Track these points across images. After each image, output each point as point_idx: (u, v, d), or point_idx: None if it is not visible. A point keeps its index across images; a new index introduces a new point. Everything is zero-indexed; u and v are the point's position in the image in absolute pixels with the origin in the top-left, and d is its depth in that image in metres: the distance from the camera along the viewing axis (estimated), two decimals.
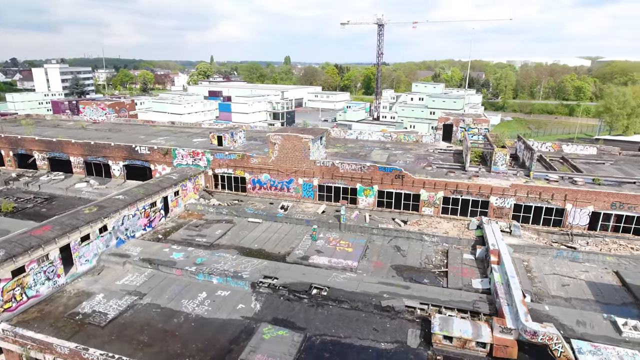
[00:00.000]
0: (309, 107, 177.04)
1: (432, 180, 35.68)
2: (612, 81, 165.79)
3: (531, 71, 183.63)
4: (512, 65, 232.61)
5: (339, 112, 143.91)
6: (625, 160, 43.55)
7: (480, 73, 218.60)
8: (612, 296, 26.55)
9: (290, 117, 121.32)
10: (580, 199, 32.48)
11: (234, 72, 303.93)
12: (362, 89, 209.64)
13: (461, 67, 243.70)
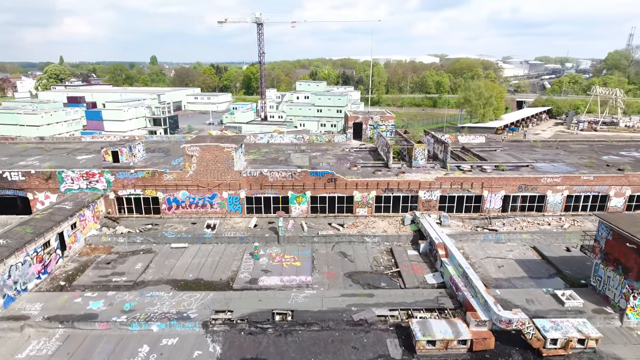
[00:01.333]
0: (189, 110, 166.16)
1: (364, 180, 35.65)
2: (462, 76, 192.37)
3: (397, 68, 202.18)
4: (378, 63, 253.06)
5: (224, 114, 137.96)
6: (509, 146, 49.88)
7: (351, 70, 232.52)
8: (539, 270, 29.76)
9: (174, 122, 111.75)
10: (494, 185, 35.83)
11: (92, 74, 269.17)
12: (243, 89, 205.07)
13: (333, 65, 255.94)
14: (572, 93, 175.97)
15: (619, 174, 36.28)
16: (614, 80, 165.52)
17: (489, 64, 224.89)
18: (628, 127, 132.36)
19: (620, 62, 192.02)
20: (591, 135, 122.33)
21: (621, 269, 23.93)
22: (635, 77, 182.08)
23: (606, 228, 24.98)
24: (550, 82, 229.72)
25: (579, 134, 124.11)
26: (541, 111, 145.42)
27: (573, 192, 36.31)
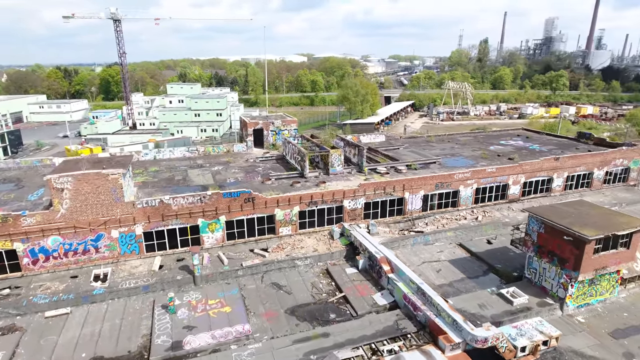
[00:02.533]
0: (34, 121, 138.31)
1: (286, 196, 31.71)
2: (334, 74, 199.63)
3: (272, 68, 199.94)
4: (248, 63, 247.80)
5: (83, 124, 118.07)
6: (409, 143, 51.04)
7: (222, 71, 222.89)
8: (473, 268, 29.85)
9: (16, 138, 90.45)
10: (415, 185, 35.34)
11: None
12: (101, 94, 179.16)
13: (201, 66, 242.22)
14: (428, 87, 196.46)
15: (514, 164, 39.14)
16: (459, 76, 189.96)
17: (355, 62, 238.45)
18: (476, 116, 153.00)
19: (462, 60, 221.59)
20: (450, 125, 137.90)
21: (557, 260, 24.78)
22: (474, 72, 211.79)
23: (537, 222, 25.69)
24: (406, 78, 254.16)
25: (441, 124, 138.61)
26: (407, 105, 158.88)
27: (480, 185, 37.98)
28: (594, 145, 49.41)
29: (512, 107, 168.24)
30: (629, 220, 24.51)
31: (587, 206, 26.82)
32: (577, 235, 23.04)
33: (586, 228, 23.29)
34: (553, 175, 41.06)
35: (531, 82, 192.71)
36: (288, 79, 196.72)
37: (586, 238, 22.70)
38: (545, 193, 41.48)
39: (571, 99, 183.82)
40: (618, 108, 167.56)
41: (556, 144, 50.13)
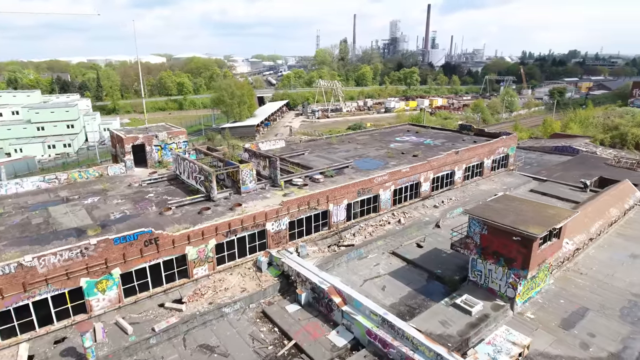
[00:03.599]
0: None
1: (199, 229, 25.57)
2: (201, 75, 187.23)
3: (129, 70, 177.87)
4: (97, 65, 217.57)
5: None
6: (310, 147, 48.10)
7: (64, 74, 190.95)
8: (415, 278, 28.23)
9: None
10: (338, 195, 32.42)
11: None
12: None
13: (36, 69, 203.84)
14: (299, 86, 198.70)
15: (424, 162, 39.26)
16: (326, 74, 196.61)
17: (221, 62, 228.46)
18: (348, 112, 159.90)
19: (326, 59, 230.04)
20: (326, 122, 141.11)
21: (503, 261, 24.36)
22: (338, 70, 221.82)
23: (479, 224, 24.99)
24: (274, 77, 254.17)
25: (318, 122, 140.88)
26: (282, 105, 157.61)
27: (397, 186, 37.04)
28: (475, 135, 53.58)
29: (377, 102, 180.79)
30: (557, 211, 25.37)
31: (516, 201, 27.24)
32: (525, 234, 22.75)
33: (530, 225, 23.18)
34: (455, 169, 42.62)
35: (389, 79, 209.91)
36: (150, 82, 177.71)
37: (535, 236, 22.53)
38: (450, 186, 42.86)
39: (423, 92, 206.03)
40: (460, 99, 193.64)
41: (445, 137, 52.91)
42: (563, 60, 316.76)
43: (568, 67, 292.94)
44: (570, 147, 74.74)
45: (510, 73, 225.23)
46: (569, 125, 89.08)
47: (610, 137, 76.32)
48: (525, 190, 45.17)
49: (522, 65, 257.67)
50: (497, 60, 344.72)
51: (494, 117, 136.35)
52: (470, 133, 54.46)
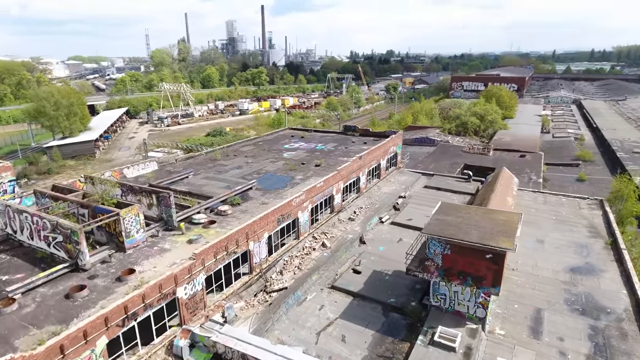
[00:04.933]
0: None
1: (78, 330, 16.26)
2: (4, 82, 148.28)
3: None
4: None
5: None
6: (192, 166, 39.46)
7: None
8: (371, 315, 24.08)
9: None
10: (258, 230, 26.00)
11: None
12: None
13: None
14: (137, 91, 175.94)
15: (334, 172, 35.38)
16: (168, 77, 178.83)
17: (31, 65, 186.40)
18: (201, 117, 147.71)
19: (165, 60, 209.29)
20: (179, 129, 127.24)
21: (471, 280, 22.01)
22: (180, 72, 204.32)
23: (440, 244, 22.13)
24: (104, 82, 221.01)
25: (169, 130, 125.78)
26: (122, 113, 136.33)
27: (314, 204, 32.35)
28: (361, 136, 52.51)
29: (228, 104, 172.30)
30: (507, 216, 24.22)
31: (461, 210, 25.38)
32: (497, 250, 20.64)
33: (498, 239, 21.23)
34: (360, 174, 40.07)
35: (237, 79, 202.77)
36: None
37: (505, 251, 20.59)
38: (357, 193, 40.18)
39: (273, 92, 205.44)
40: (309, 97, 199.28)
41: (334, 140, 50.34)
42: (387, 58, 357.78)
43: (392, 64, 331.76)
44: (427, 137, 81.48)
45: (347, 71, 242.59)
46: (418, 118, 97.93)
47: (455, 126, 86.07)
48: (421, 187, 45.67)
49: (356, 64, 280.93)
50: (332, 59, 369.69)
51: (346, 113, 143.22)
52: (356, 134, 53.21)
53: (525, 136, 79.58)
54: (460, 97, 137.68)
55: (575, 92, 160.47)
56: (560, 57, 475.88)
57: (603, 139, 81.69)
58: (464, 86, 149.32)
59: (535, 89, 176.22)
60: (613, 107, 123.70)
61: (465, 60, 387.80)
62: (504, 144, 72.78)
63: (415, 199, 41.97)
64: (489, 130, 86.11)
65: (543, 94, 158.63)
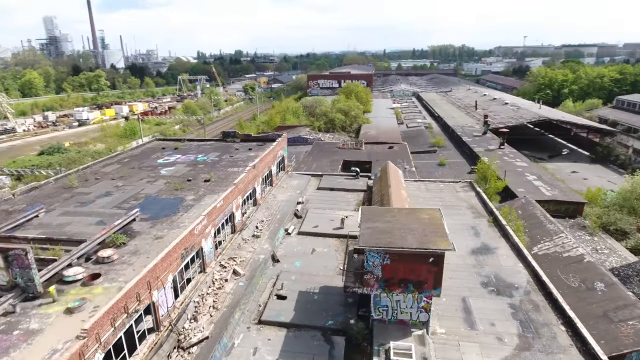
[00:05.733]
0: None
1: None
2: None
3: None
4: None
5: None
6: (39, 199, 30.30)
7: None
8: (312, 345, 21.53)
9: None
10: (162, 274, 20.75)
11: None
12: None
13: None
14: None
15: (231, 186, 31.20)
16: None
17: None
18: (27, 131, 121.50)
19: None
20: None
21: (412, 286, 21.17)
22: None
23: (379, 255, 20.71)
24: None
25: None
26: None
27: (215, 227, 27.92)
28: (242, 142, 48.74)
29: (62, 114, 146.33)
30: (430, 214, 24.06)
31: (386, 214, 24.39)
32: (438, 252, 20.11)
33: (435, 240, 20.75)
34: (255, 185, 36.65)
35: (70, 85, 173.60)
36: None
37: (444, 251, 20.22)
38: (255, 206, 36.67)
39: (117, 98, 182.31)
40: (161, 102, 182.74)
41: (215, 149, 45.43)
42: (237, 59, 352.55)
43: (243, 65, 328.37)
44: (300, 137, 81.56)
45: (198, 72, 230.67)
46: (286, 117, 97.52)
47: (324, 124, 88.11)
48: (314, 190, 44.49)
49: (206, 65, 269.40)
50: (179, 60, 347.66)
51: (207, 116, 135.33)
52: (237, 140, 49.16)
53: (387, 128, 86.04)
54: (318, 95, 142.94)
55: (412, 86, 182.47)
56: (389, 55, 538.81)
57: (447, 126, 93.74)
58: (319, 84, 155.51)
59: (379, 84, 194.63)
60: (444, 97, 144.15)
61: (311, 59, 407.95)
62: (371, 138, 77.14)
63: (313, 203, 40.52)
64: (354, 125, 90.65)
65: (387, 88, 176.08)
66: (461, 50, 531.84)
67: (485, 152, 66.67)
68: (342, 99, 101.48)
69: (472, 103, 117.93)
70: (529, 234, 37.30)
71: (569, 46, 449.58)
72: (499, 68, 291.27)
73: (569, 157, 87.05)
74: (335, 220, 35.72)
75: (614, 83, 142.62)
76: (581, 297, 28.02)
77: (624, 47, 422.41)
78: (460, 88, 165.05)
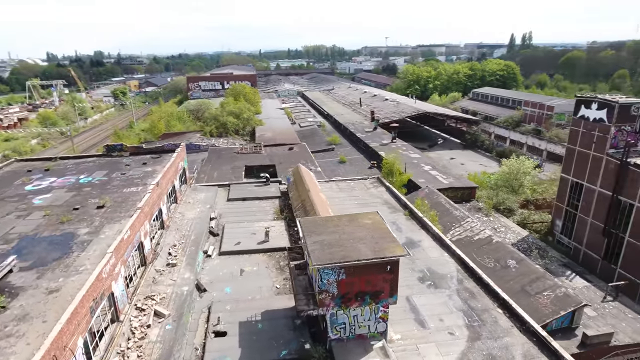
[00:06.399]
0: None
1: None
2: None
3: None
4: None
5: None
6: None
7: None
8: None
9: None
10: (69, 340, 16.02)
11: None
12: None
13: None
14: None
15: (137, 211, 26.28)
16: None
17: None
18: None
19: None
20: None
21: (369, 297, 20.07)
22: None
23: (334, 271, 19.12)
24: None
25: None
26: None
27: (125, 264, 23.17)
28: (132, 155, 42.47)
29: None
30: (371, 218, 23.17)
31: (328, 223, 22.75)
32: (394, 259, 19.28)
33: (386, 247, 19.89)
34: (161, 205, 31.89)
35: None
36: None
37: (399, 257, 19.51)
38: (162, 229, 31.93)
39: None
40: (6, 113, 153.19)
41: (99, 167, 38.43)
42: (99, 60, 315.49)
43: (107, 67, 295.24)
44: (192, 144, 75.53)
45: (52, 76, 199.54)
46: (171, 123, 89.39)
47: (215, 128, 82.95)
48: (224, 202, 40.99)
49: (62, 67, 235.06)
50: (24, 63, 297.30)
51: (72, 127, 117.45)
52: (125, 153, 42.60)
53: (282, 129, 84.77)
54: (201, 97, 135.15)
55: (295, 85, 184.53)
56: (266, 55, 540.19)
57: (338, 123, 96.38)
58: (201, 86, 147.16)
59: (262, 85, 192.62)
60: (328, 95, 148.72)
61: (185, 60, 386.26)
62: (269, 140, 75.05)
63: (228, 216, 37.15)
64: (247, 128, 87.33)
65: (271, 88, 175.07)
66: (333, 50, 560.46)
67: (381, 147, 69.91)
68: (230, 101, 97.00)
69: (356, 100, 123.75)
70: (440, 222, 39.59)
71: (423, 46, 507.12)
72: (369, 66, 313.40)
73: (444, 145, 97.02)
74: (257, 233, 33.11)
75: (467, 78, 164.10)
76: (499, 276, 30.39)
77: (464, 47, 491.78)
78: (341, 86, 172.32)
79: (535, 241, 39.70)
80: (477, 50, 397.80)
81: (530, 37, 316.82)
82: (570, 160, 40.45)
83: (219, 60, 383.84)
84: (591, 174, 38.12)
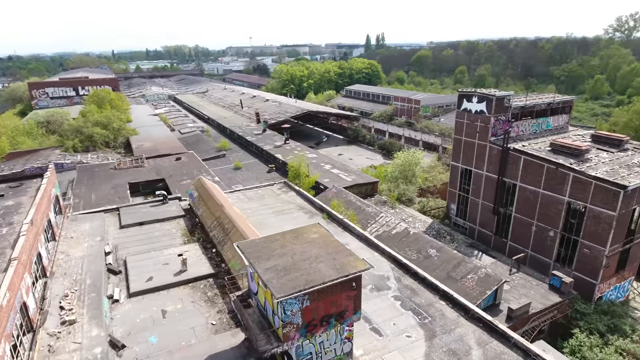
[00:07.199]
0: None
1: None
2: None
3: None
4: None
5: None
6: None
7: None
8: None
9: None
10: None
11: None
12: None
13: None
14: None
15: (14, 262, 19.94)
16: None
17: None
18: None
19: None
20: None
21: (334, 319, 18.46)
22: None
23: (299, 299, 17.03)
24: None
25: None
26: None
27: (9, 339, 17.33)
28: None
29: None
30: (317, 232, 21.43)
31: (274, 244, 20.28)
32: (359, 274, 17.95)
33: (346, 262, 18.49)
34: (39, 247, 25.13)
35: None
36: None
37: (363, 270, 18.30)
38: (45, 278, 25.21)
39: None
40: None
41: None
42: None
43: None
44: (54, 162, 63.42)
45: None
46: (18, 140, 73.42)
47: (80, 142, 70.92)
48: (117, 230, 34.77)
49: None
50: None
51: None
52: None
53: (162, 138, 76.78)
54: (49, 107, 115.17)
55: (164, 89, 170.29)
56: (120, 57, 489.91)
57: (223, 127, 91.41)
58: (48, 93, 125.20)
59: (125, 89, 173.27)
60: (203, 98, 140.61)
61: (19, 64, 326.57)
62: (150, 151, 67.09)
63: (127, 247, 31.48)
64: (119, 139, 76.78)
65: (136, 93, 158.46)
66: (196, 50, 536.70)
67: (275, 149, 68.23)
68: (93, 109, 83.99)
69: (236, 102, 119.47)
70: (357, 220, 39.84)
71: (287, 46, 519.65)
72: (238, 67, 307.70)
73: (330, 142, 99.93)
74: (170, 262, 28.65)
75: (337, 76, 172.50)
76: (425, 266, 31.57)
77: (326, 46, 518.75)
78: (215, 87, 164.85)
79: (440, 226, 42.84)
80: (338, 50, 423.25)
81: (384, 37, 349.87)
82: (459, 149, 44.60)
83: (62, 62, 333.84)
84: (478, 160, 42.54)
